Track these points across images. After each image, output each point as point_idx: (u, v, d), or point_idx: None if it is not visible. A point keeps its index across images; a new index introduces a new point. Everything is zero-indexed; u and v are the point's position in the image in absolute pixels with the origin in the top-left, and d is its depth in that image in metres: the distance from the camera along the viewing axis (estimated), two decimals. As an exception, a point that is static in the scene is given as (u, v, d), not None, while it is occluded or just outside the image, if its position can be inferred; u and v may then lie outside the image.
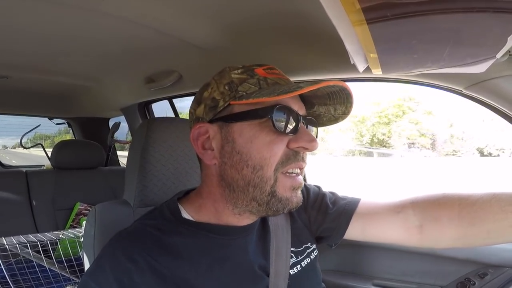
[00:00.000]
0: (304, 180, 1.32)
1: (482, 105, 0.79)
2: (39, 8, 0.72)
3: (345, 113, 0.54)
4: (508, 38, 0.44)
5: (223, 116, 0.50)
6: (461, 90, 0.78)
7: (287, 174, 0.49)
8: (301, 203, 0.52)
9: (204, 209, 0.55)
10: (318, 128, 0.56)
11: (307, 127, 0.52)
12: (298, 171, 0.51)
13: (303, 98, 0.53)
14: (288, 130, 0.48)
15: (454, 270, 0.95)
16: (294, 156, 0.49)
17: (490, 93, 0.74)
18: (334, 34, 0.51)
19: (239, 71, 0.51)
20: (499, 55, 0.49)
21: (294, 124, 0.48)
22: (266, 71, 0.52)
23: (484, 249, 0.90)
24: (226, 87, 0.50)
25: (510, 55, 0.57)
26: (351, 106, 0.52)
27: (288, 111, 0.48)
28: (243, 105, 0.49)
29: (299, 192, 0.52)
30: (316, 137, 0.54)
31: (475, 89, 0.75)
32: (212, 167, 0.53)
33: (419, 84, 0.84)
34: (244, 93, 0.49)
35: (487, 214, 0.51)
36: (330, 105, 0.54)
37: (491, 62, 0.52)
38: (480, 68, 0.55)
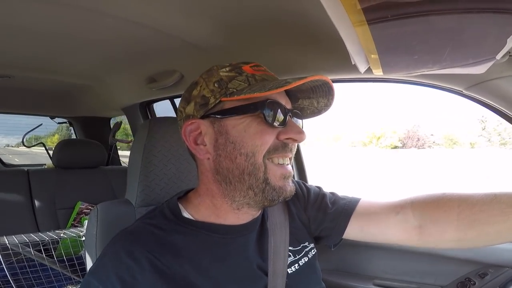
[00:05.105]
0: (305, 180, 1.33)
1: (483, 106, 0.79)
2: (41, 8, 0.73)
3: (327, 105, 0.57)
4: (508, 39, 0.44)
5: (215, 112, 0.52)
6: (461, 91, 0.78)
7: (278, 164, 0.52)
8: (294, 192, 0.55)
9: (203, 207, 0.56)
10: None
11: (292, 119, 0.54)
12: (288, 161, 0.54)
13: (288, 92, 0.56)
14: (277, 123, 0.51)
15: (454, 270, 0.95)
16: (282, 148, 0.52)
17: (490, 93, 0.74)
18: (334, 34, 0.51)
19: (227, 69, 0.53)
20: (499, 56, 0.49)
21: (282, 117, 0.51)
22: (253, 68, 0.54)
23: (484, 249, 0.90)
24: (215, 85, 0.52)
25: (510, 56, 0.57)
26: (332, 99, 0.55)
27: (277, 106, 0.51)
28: (234, 101, 0.51)
29: (290, 181, 0.54)
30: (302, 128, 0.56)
31: (475, 89, 0.75)
32: (206, 162, 0.55)
33: (419, 85, 0.84)
34: (235, 90, 0.51)
35: (487, 216, 0.50)
36: (313, 98, 0.56)
37: (491, 63, 0.53)
38: (480, 69, 0.55)
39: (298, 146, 1.35)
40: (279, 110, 0.51)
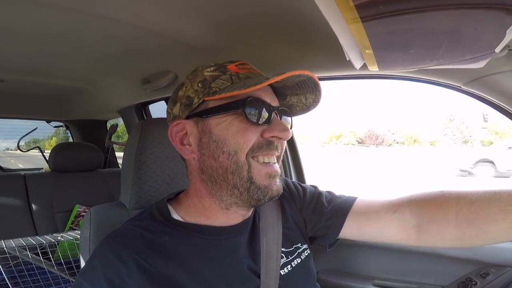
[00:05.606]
0: (302, 181, 1.31)
1: (481, 101, 0.78)
2: (34, 11, 0.72)
3: (315, 101, 0.57)
4: (507, 31, 0.43)
5: (199, 112, 0.52)
6: (459, 86, 0.77)
7: (263, 163, 0.51)
8: (282, 191, 0.54)
9: (193, 209, 0.56)
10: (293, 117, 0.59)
11: (281, 118, 0.54)
12: (274, 160, 0.53)
13: (275, 90, 0.55)
14: (261, 121, 0.50)
15: (455, 269, 0.93)
16: (267, 146, 0.51)
17: (489, 89, 0.73)
18: (329, 31, 0.50)
19: (212, 68, 0.53)
20: (498, 49, 0.48)
21: (267, 115, 0.51)
22: (238, 66, 0.54)
23: (485, 249, 0.89)
24: (199, 85, 0.52)
25: (509, 50, 0.55)
26: (320, 94, 0.55)
27: (260, 103, 0.50)
28: (217, 100, 0.50)
29: (277, 180, 0.53)
30: (291, 126, 0.56)
31: (474, 85, 0.74)
32: (192, 162, 0.55)
33: (416, 81, 0.83)
34: (217, 89, 0.51)
35: (486, 215, 0.49)
36: (301, 94, 0.56)
37: (490, 56, 0.51)
38: (479, 64, 0.54)
39: (295, 146, 1.34)
40: (262, 107, 0.50)
